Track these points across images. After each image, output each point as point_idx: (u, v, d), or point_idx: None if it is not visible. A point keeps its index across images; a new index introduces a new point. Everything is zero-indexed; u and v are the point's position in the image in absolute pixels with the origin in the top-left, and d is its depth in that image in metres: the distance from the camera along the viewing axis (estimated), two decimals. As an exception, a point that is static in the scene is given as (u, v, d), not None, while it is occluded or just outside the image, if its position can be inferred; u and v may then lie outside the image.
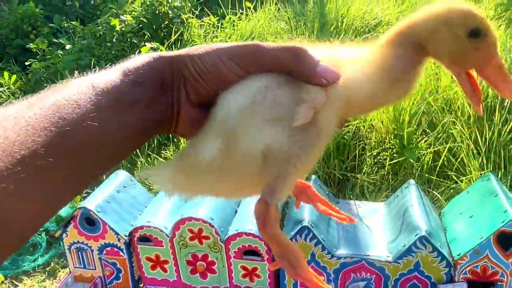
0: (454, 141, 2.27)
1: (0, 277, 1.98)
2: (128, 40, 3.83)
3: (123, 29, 3.78)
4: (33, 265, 2.06)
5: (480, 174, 2.10)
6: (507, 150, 2.24)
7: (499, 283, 1.51)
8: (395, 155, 2.19)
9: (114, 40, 3.82)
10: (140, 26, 3.92)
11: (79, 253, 1.83)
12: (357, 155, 2.31)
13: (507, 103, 2.38)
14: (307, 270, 0.46)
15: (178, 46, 3.84)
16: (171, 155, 2.76)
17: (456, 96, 2.57)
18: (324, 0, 4.72)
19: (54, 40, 4.31)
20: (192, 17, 4.24)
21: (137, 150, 2.81)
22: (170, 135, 2.92)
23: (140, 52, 3.63)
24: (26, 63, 4.01)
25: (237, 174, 0.45)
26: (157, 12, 4.02)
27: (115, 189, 1.86)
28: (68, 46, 4.07)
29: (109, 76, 0.40)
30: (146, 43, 3.57)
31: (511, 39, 3.21)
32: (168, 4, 4.09)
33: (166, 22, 4.12)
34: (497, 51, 0.45)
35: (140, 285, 1.86)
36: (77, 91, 0.37)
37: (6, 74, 3.93)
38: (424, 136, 2.33)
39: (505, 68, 0.45)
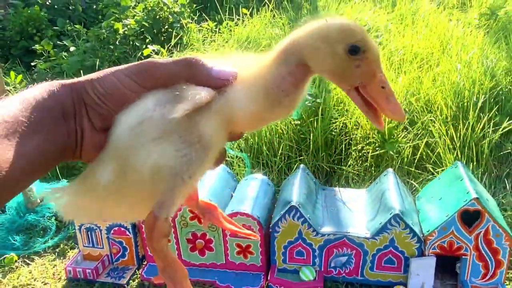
0: (432, 137, 2.49)
1: (13, 256, 2.15)
2: (131, 43, 4.03)
3: (126, 32, 3.98)
4: (44, 247, 2.24)
5: (454, 166, 2.31)
6: (479, 145, 2.45)
7: (463, 257, 1.71)
8: (377, 148, 2.40)
9: (117, 42, 4.01)
10: (142, 30, 4.12)
11: (89, 233, 2.01)
12: (343, 149, 2.51)
13: (481, 103, 2.60)
14: (184, 285, 0.46)
15: (178, 49, 4.04)
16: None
17: (436, 98, 2.78)
18: (317, 8, 4.95)
19: (58, 42, 4.50)
20: (191, 22, 4.44)
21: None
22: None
23: (142, 54, 3.84)
24: (32, 63, 4.18)
25: (132, 194, 0.45)
26: (157, 17, 4.22)
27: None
28: (72, 48, 4.26)
29: (7, 106, 0.40)
30: (148, 46, 3.76)
31: (490, 45, 3.44)
32: (168, 10, 4.30)
33: (166, 27, 4.33)
34: (379, 68, 0.44)
35: (144, 263, 2.04)
36: None
37: (12, 73, 4.10)
38: (405, 131, 2.54)
39: (389, 86, 0.44)
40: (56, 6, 5.48)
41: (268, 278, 1.83)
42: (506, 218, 2.06)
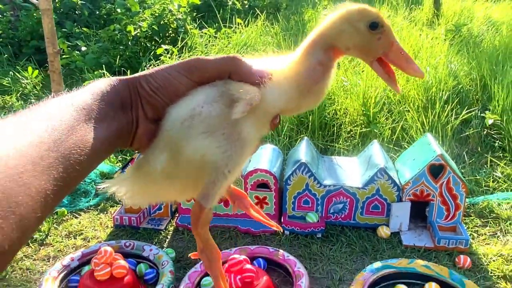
0: (407, 122, 3.06)
1: (64, 210, 2.55)
2: (142, 44, 4.50)
3: (138, 34, 4.44)
4: (87, 205, 2.65)
5: (424, 144, 2.87)
6: (444, 129, 3.03)
7: (431, 202, 2.24)
8: (363, 129, 2.95)
9: (129, 43, 4.46)
10: (151, 33, 4.58)
11: (132, 189, 2.45)
12: (335, 130, 3.05)
13: (446, 95, 3.20)
14: (218, 268, 0.53)
15: (183, 51, 4.51)
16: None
17: (410, 93, 3.37)
18: (304, 19, 5.54)
19: (68, 42, 4.90)
20: (194, 28, 4.95)
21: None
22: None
23: (155, 53, 4.30)
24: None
25: (182, 179, 0.51)
26: (164, 22, 4.69)
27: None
28: (83, 48, 4.68)
29: (82, 96, 0.45)
30: (161, 45, 4.24)
31: (453, 53, 4.08)
32: (174, 16, 4.79)
33: (170, 32, 4.81)
34: (395, 38, 0.52)
35: (176, 214, 2.48)
36: (59, 109, 0.42)
37: (30, 68, 4.50)
38: (384, 117, 3.10)
39: (406, 51, 0.52)
40: (62, 10, 5.88)
41: (282, 221, 2.32)
42: (464, 182, 2.62)
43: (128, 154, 3.08)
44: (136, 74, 0.51)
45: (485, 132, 3.10)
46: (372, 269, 1.90)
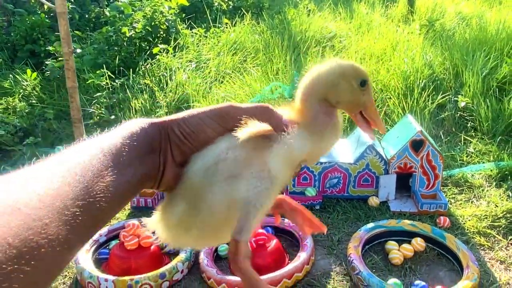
0: (389, 107, 3.38)
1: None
2: (137, 44, 4.72)
3: (133, 35, 4.67)
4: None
5: (405, 126, 3.20)
6: (422, 113, 3.37)
7: (414, 173, 2.56)
8: (351, 115, 3.26)
9: (124, 44, 4.68)
10: (144, 34, 4.81)
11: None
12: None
13: (422, 83, 3.54)
14: None
15: (177, 50, 4.75)
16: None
17: (390, 82, 3.70)
18: (287, 18, 5.84)
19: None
20: (185, 28, 5.19)
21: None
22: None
23: (151, 52, 4.54)
24: (47, 62, 4.74)
25: (207, 227, 0.52)
26: (155, 23, 4.92)
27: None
28: (78, 50, 4.87)
29: (111, 139, 0.46)
30: (156, 45, 4.47)
31: (428, 46, 4.44)
32: (164, 17, 5.02)
33: (162, 32, 5.04)
34: (372, 94, 0.58)
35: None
36: (89, 154, 0.43)
37: (29, 71, 4.66)
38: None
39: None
40: (53, 15, 6.04)
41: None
42: (441, 158, 2.96)
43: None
44: (168, 118, 0.51)
45: (458, 115, 3.45)
46: (366, 228, 2.20)
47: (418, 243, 2.12)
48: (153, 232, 0.55)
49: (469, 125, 3.38)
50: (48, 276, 0.35)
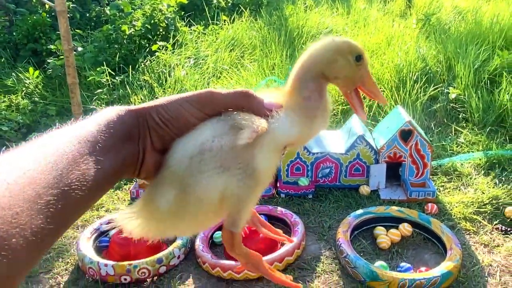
0: (382, 100, 3.46)
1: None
2: (137, 42, 4.82)
3: (133, 33, 4.76)
4: (103, 184, 2.97)
5: (398, 118, 3.27)
6: (414, 105, 3.45)
7: (403, 162, 2.64)
8: (344, 106, 3.34)
9: (124, 42, 4.78)
10: (144, 32, 4.90)
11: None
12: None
13: (415, 76, 3.62)
14: (265, 268, 0.57)
15: (176, 47, 4.84)
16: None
17: (384, 75, 3.77)
18: (285, 15, 5.91)
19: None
20: (184, 26, 5.28)
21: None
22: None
23: (151, 49, 4.63)
24: (49, 61, 4.84)
25: (195, 215, 0.51)
26: (155, 21, 5.01)
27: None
28: (80, 48, 4.97)
29: (87, 127, 0.45)
30: (156, 42, 4.56)
31: (423, 39, 4.51)
32: (164, 15, 5.11)
33: (161, 30, 5.13)
34: (369, 68, 0.58)
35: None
36: (62, 141, 0.42)
37: (31, 69, 4.77)
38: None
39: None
40: (54, 14, 6.14)
41: (278, 185, 2.69)
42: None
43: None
44: (146, 104, 0.50)
45: (450, 106, 3.52)
46: (355, 214, 2.29)
47: (405, 228, 2.21)
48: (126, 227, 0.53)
49: (460, 116, 3.45)
50: (21, 266, 0.34)
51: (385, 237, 2.18)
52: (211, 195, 0.49)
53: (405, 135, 2.58)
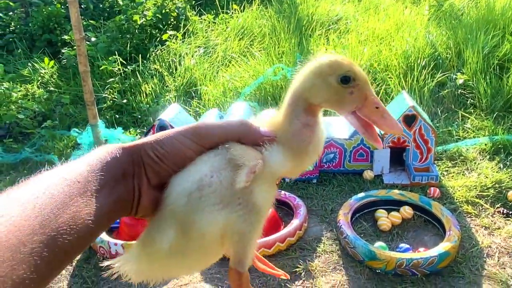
0: (389, 86, 3.47)
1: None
2: (148, 31, 4.89)
3: (144, 23, 4.84)
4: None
5: (404, 104, 3.28)
6: (422, 91, 3.45)
7: (407, 147, 2.67)
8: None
9: (136, 31, 4.86)
10: (155, 21, 4.98)
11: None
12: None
13: (423, 62, 3.61)
14: None
15: (186, 36, 4.90)
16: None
17: (392, 62, 3.77)
18: (295, 2, 5.91)
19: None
20: (195, 15, 5.34)
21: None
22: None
23: (161, 39, 4.70)
24: (63, 51, 4.95)
25: (199, 253, 0.50)
26: (165, 11, 5.07)
27: (178, 111, 2.92)
28: (93, 38, 5.07)
29: (77, 168, 0.43)
30: (167, 31, 4.64)
31: (434, 27, 4.47)
32: (174, 5, 5.17)
33: (172, 19, 5.19)
34: (370, 91, 0.51)
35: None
36: (50, 184, 0.40)
37: (46, 59, 4.89)
38: (370, 81, 3.51)
39: (382, 105, 0.51)
40: (68, 5, 6.26)
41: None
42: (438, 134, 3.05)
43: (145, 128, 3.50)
44: (140, 141, 0.49)
45: (458, 92, 3.51)
46: (357, 197, 2.33)
47: (406, 211, 2.25)
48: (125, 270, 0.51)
49: (468, 102, 3.44)
50: None
51: (385, 219, 2.22)
52: (212, 231, 0.48)
53: (409, 120, 2.60)
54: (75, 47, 5.09)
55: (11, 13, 5.88)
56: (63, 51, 4.97)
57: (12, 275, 0.33)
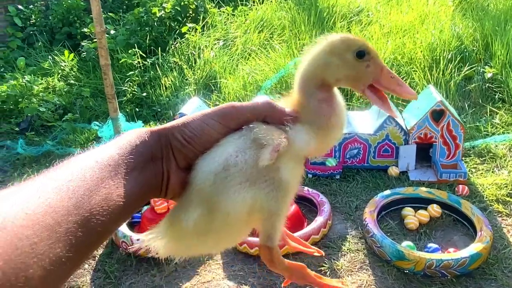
0: (413, 80, 3.38)
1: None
2: (167, 24, 4.87)
3: (162, 15, 4.81)
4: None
5: (430, 98, 3.19)
6: (448, 85, 3.35)
7: (434, 143, 2.59)
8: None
9: (155, 24, 4.84)
10: (174, 14, 4.94)
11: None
12: (349, 91, 3.39)
13: (449, 55, 3.50)
14: (312, 277, 0.55)
15: (205, 29, 4.86)
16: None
17: (416, 55, 3.67)
18: (316, -6, 5.80)
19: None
20: (214, 7, 5.29)
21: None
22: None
23: (181, 31, 4.67)
24: (82, 44, 4.97)
25: (224, 232, 0.51)
26: (184, 3, 5.03)
27: (198, 104, 2.90)
28: (112, 31, 5.07)
29: (107, 151, 0.45)
30: (186, 24, 4.60)
31: (459, 19, 4.34)
32: (193, -3, 5.12)
33: (190, 12, 5.15)
34: (382, 63, 0.52)
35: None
36: (83, 167, 0.42)
37: (66, 52, 4.91)
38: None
39: (395, 74, 0.52)
40: (87, -2, 6.27)
41: (305, 166, 2.69)
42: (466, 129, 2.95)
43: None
44: (168, 125, 0.50)
45: (486, 86, 3.40)
46: (383, 195, 2.27)
47: (434, 210, 2.18)
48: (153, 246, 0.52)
49: (497, 96, 3.33)
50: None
51: (413, 217, 2.16)
52: (239, 209, 0.49)
53: (437, 115, 2.52)
54: (94, 40, 5.13)
55: (31, 6, 5.92)
56: (82, 44, 4.99)
57: (49, 253, 0.35)
